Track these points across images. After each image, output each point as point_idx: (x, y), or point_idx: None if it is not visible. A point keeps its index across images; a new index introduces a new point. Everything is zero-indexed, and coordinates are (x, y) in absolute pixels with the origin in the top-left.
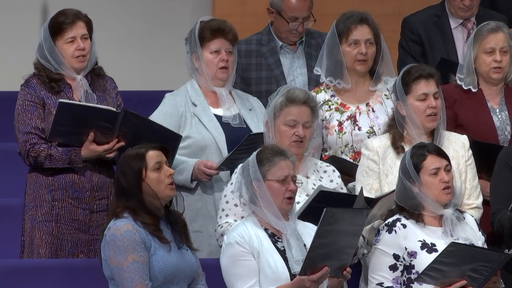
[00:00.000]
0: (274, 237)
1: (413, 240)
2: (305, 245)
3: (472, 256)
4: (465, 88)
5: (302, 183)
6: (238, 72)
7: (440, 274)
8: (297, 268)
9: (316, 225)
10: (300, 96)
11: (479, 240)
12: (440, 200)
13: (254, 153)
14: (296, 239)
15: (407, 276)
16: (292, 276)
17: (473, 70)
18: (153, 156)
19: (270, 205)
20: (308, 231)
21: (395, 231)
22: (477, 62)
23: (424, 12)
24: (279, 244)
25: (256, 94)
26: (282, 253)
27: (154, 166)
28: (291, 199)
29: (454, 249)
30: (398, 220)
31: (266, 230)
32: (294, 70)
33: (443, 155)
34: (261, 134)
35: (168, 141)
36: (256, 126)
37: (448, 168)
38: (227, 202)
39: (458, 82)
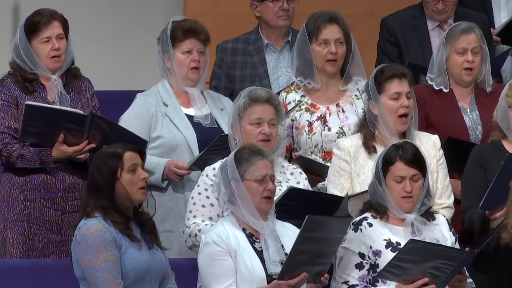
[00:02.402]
0: (252, 237)
1: (378, 239)
2: (282, 246)
3: (431, 253)
4: (436, 88)
5: (280, 182)
6: (223, 69)
7: (402, 271)
8: (273, 269)
9: (289, 221)
10: (262, 95)
11: (447, 240)
12: (400, 206)
13: (232, 153)
14: (274, 239)
15: (372, 275)
16: (269, 276)
17: (445, 70)
18: (130, 157)
19: (248, 205)
20: (286, 231)
21: (361, 230)
22: (448, 63)
23: (403, 12)
24: (256, 245)
25: (240, 92)
26: (259, 253)
27: (129, 167)
28: (269, 198)
29: (413, 246)
30: (365, 219)
31: (244, 230)
32: (279, 69)
33: (415, 163)
34: None
35: None
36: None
37: (415, 178)
38: (194, 203)
39: (429, 82)
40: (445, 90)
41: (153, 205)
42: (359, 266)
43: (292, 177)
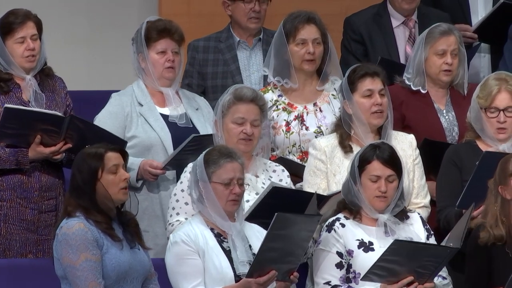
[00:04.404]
0: (220, 237)
1: (351, 239)
2: (250, 246)
3: (416, 252)
4: (414, 88)
5: (249, 185)
6: (195, 67)
7: (387, 272)
8: (242, 269)
9: (267, 224)
10: (248, 94)
11: (420, 238)
12: (373, 206)
13: (203, 153)
14: (241, 240)
15: (346, 275)
16: (237, 277)
17: (423, 71)
18: (111, 157)
19: (215, 206)
20: (254, 232)
21: (334, 230)
22: (427, 64)
23: (366, 11)
24: (224, 244)
25: (212, 89)
26: (228, 253)
27: (111, 169)
28: (235, 201)
29: (397, 246)
30: (337, 219)
31: (212, 229)
32: (251, 66)
33: (391, 164)
34: (206, 135)
35: None
36: (203, 125)
37: (391, 179)
38: (177, 200)
39: (407, 82)
40: (422, 91)
41: (135, 206)
42: (340, 266)
43: (274, 175)
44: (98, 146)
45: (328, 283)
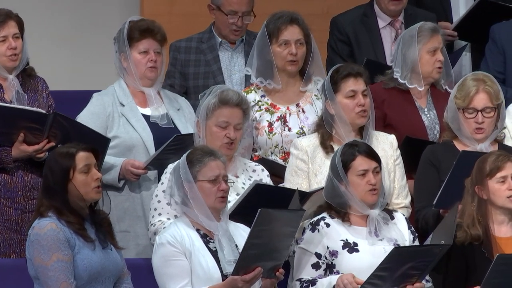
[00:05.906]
0: (206, 237)
1: (335, 240)
2: (236, 246)
3: (413, 255)
4: (410, 86)
5: (233, 182)
6: (177, 67)
7: (381, 280)
8: (229, 269)
9: (250, 221)
10: (233, 98)
11: (405, 240)
12: (365, 201)
13: (185, 155)
14: (227, 239)
15: (329, 275)
16: (224, 276)
17: (419, 70)
18: (82, 157)
19: (201, 206)
20: (240, 232)
21: (318, 230)
22: (420, 62)
23: (352, 12)
24: (211, 245)
25: (194, 89)
26: (214, 253)
27: (82, 169)
28: (223, 198)
29: (397, 253)
30: (323, 219)
31: (198, 230)
32: (232, 67)
33: (373, 156)
34: (188, 135)
35: (97, 144)
36: (184, 126)
37: (377, 170)
38: (159, 201)
39: (400, 80)
40: (419, 89)
41: (108, 204)
42: (316, 266)
43: (254, 174)
44: (69, 146)
45: (299, 279)
